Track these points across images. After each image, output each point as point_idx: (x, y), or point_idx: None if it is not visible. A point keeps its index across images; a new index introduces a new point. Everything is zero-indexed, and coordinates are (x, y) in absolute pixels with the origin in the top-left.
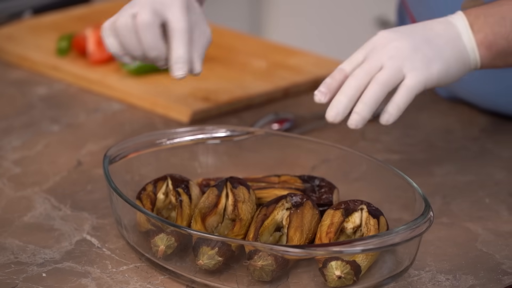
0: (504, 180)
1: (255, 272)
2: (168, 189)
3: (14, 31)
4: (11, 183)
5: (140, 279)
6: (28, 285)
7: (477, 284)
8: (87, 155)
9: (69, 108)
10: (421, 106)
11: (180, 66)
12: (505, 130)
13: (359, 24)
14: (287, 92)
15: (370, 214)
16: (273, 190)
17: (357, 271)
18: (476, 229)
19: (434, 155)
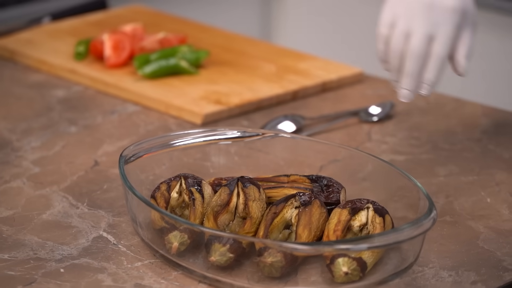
0: (505, 180)
1: (265, 268)
2: (182, 188)
3: (33, 36)
4: (30, 182)
5: (154, 274)
6: (47, 280)
7: (478, 280)
8: (103, 155)
9: (86, 110)
10: (425, 109)
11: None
12: (506, 132)
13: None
14: (296, 95)
15: (376, 213)
16: (282, 189)
17: (363, 268)
18: (478, 227)
19: (437, 156)
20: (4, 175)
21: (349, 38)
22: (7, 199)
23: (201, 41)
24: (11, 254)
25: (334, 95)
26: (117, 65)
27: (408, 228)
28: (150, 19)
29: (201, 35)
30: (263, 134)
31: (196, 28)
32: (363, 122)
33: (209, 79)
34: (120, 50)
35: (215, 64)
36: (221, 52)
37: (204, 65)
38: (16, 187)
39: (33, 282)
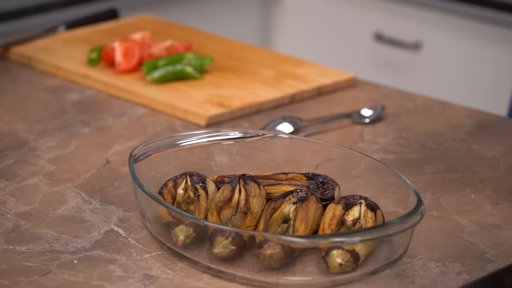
0: (488, 177)
1: (265, 260)
2: (187, 185)
3: (49, 44)
4: (46, 179)
5: (161, 265)
6: (61, 271)
7: (463, 271)
8: (114, 154)
9: (98, 112)
10: (413, 111)
11: None
12: (489, 133)
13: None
14: (294, 99)
15: (368, 208)
16: (281, 186)
17: (356, 259)
18: (463, 222)
19: (425, 155)
20: (22, 173)
21: (343, 46)
22: (24, 195)
23: (205, 48)
24: (29, 247)
25: (329, 99)
26: (127, 70)
27: (398, 222)
28: (158, 28)
29: (205, 43)
30: (263, 135)
31: (200, 36)
32: (356, 124)
33: (213, 83)
34: (130, 56)
35: (218, 70)
36: (224, 59)
37: (208, 70)
38: (33, 184)
39: (48, 273)
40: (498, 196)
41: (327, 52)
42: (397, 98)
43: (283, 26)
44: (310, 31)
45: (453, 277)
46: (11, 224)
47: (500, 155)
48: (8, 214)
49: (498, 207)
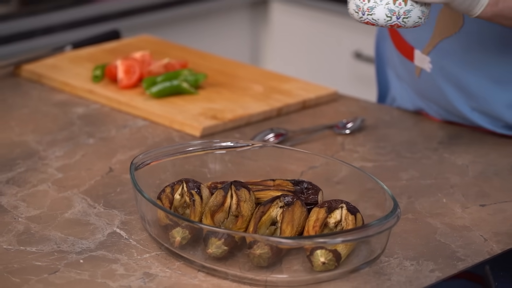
0: (458, 183)
1: (254, 259)
2: (183, 191)
3: (57, 62)
4: (54, 186)
5: (160, 264)
6: (68, 270)
7: (436, 268)
8: (117, 163)
9: (102, 124)
10: (390, 123)
11: None
12: (459, 143)
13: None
14: (280, 112)
15: (348, 211)
16: (269, 191)
17: (338, 258)
18: (435, 224)
19: (401, 163)
20: (32, 180)
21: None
22: (34, 201)
23: (200, 66)
24: (38, 247)
25: (312, 112)
26: (129, 86)
27: (376, 224)
28: (156, 47)
29: (200, 61)
30: (252, 144)
31: (195, 54)
32: (337, 135)
33: (207, 98)
34: (131, 73)
35: (212, 85)
36: (217, 75)
37: (202, 86)
38: (43, 190)
39: (56, 271)
40: (468, 200)
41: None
42: (375, 111)
43: (271, 46)
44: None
45: (426, 274)
46: (22, 227)
47: (469, 163)
48: (19, 218)
49: (468, 210)
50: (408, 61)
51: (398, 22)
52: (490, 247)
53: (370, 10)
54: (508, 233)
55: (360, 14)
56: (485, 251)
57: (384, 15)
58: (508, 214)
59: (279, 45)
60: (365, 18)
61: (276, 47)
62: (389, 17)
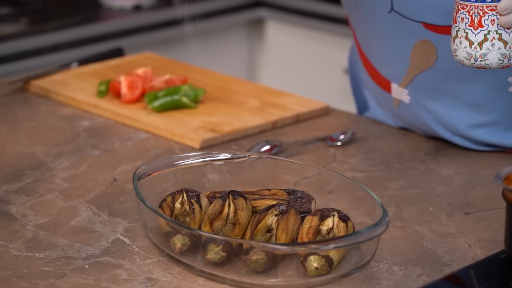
0: (444, 193)
1: (251, 264)
2: (184, 200)
3: (64, 78)
4: (61, 195)
5: (161, 270)
6: (75, 275)
7: (423, 273)
8: (120, 173)
9: (107, 137)
10: (379, 135)
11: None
12: (444, 154)
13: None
14: (275, 125)
15: (340, 219)
16: (264, 200)
17: (330, 263)
18: (422, 231)
19: (389, 173)
20: (40, 190)
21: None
22: (42, 209)
23: (199, 82)
24: (46, 253)
25: (306, 125)
26: (132, 101)
27: (366, 232)
28: (158, 64)
29: (199, 77)
30: (249, 156)
31: (195, 71)
32: (329, 146)
33: (206, 112)
34: (134, 89)
35: (210, 100)
36: (215, 90)
37: (202, 100)
38: (50, 199)
39: (63, 276)
40: (453, 209)
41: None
42: (364, 124)
43: (266, 63)
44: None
45: (414, 278)
46: (31, 234)
47: (454, 173)
48: (28, 226)
49: (453, 218)
50: (385, 92)
51: (509, 63)
52: (474, 253)
53: (483, 57)
54: (491, 240)
55: (472, 60)
56: (469, 256)
57: (497, 59)
58: (491, 221)
59: (274, 62)
60: (477, 64)
61: (271, 64)
62: (501, 60)
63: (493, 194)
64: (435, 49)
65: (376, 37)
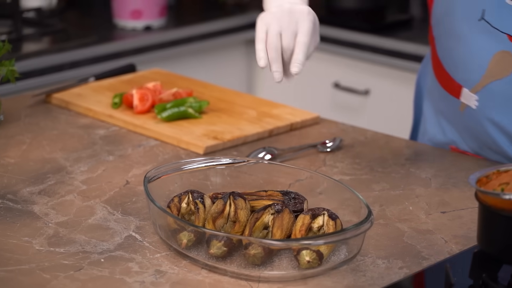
0: (423, 193)
1: (249, 258)
2: (189, 200)
3: (82, 91)
4: (79, 196)
5: (169, 263)
6: (91, 267)
7: (404, 266)
8: (132, 176)
9: (120, 144)
10: (364, 143)
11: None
12: (423, 159)
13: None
14: (271, 133)
15: (329, 217)
16: (262, 201)
17: (321, 257)
18: (403, 228)
19: (373, 176)
20: (60, 191)
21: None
22: (62, 209)
23: (203, 94)
24: (66, 248)
25: (299, 133)
26: (143, 112)
27: (353, 229)
28: (166, 78)
29: (203, 90)
30: (248, 161)
31: (199, 85)
32: (320, 152)
33: (209, 121)
34: (145, 101)
35: (213, 111)
36: (217, 102)
37: (205, 111)
38: (69, 200)
39: (81, 269)
40: (431, 208)
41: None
42: (351, 132)
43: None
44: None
45: (396, 271)
46: (52, 231)
47: (431, 176)
48: (50, 223)
49: (431, 216)
50: (452, 97)
51: None
52: (450, 248)
53: None
54: (465, 236)
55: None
56: (445, 251)
57: None
58: (465, 219)
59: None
60: None
61: (267, 79)
62: None
63: (467, 195)
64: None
65: (459, 42)
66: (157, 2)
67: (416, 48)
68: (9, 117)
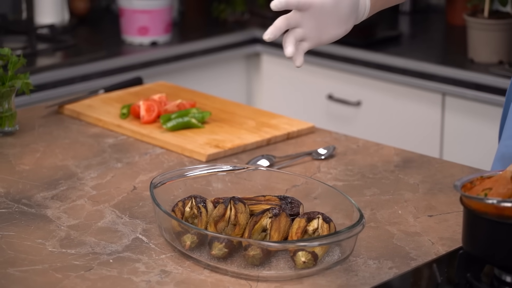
0: (411, 198)
1: (249, 259)
2: (192, 205)
3: (92, 102)
4: (89, 201)
5: (173, 263)
6: (101, 267)
7: (394, 266)
8: (139, 182)
9: (128, 152)
10: (356, 151)
11: None
12: (411, 166)
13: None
14: (269, 141)
15: (324, 221)
16: (260, 205)
17: (316, 258)
18: (393, 231)
19: (365, 182)
20: (72, 196)
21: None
22: (74, 213)
23: (205, 106)
24: (76, 250)
25: (295, 142)
26: (149, 122)
27: (346, 231)
28: (171, 91)
29: (205, 101)
30: (247, 168)
31: (202, 96)
32: (315, 160)
33: (211, 131)
34: (151, 111)
35: (215, 121)
36: (219, 113)
37: (207, 121)
38: (80, 204)
39: (91, 269)
40: (418, 212)
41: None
42: (344, 141)
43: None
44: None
45: (386, 271)
46: (64, 233)
47: (419, 182)
48: (62, 226)
49: (418, 220)
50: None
51: None
52: (436, 249)
53: None
54: (450, 238)
55: None
56: (432, 252)
57: None
58: (450, 222)
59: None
60: None
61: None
62: None
63: (452, 199)
64: None
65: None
66: (163, 20)
67: (405, 62)
68: (24, 127)
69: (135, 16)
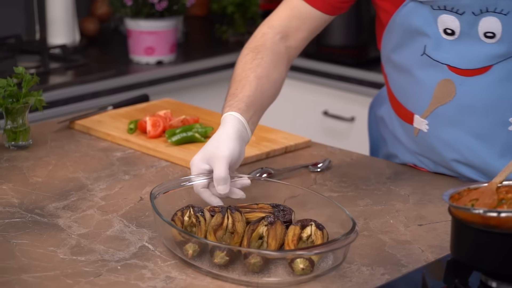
0: (402, 208)
1: (250, 267)
2: (191, 214)
3: (101, 118)
4: (99, 211)
5: (177, 270)
6: (109, 274)
7: (386, 272)
8: (146, 193)
9: (135, 165)
10: (350, 163)
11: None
12: (402, 178)
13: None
14: (268, 155)
15: (317, 227)
16: (254, 213)
17: (313, 265)
18: (385, 239)
19: (358, 193)
20: (82, 206)
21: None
22: (84, 222)
23: (208, 121)
24: (86, 257)
25: (292, 155)
26: (155, 136)
27: (341, 239)
28: (175, 107)
29: (208, 117)
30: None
31: (204, 112)
32: (311, 172)
33: None
34: (157, 126)
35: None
36: None
37: (210, 136)
38: (90, 214)
39: (100, 275)
40: (409, 221)
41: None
42: (339, 154)
43: None
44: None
45: (378, 277)
46: (74, 241)
47: (409, 193)
48: (72, 235)
49: (409, 229)
50: (407, 124)
51: None
52: (426, 256)
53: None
54: (439, 246)
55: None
56: (422, 259)
57: None
58: (439, 231)
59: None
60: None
61: None
62: None
63: (441, 209)
64: (454, 86)
65: (407, 76)
66: (168, 40)
67: None
68: (37, 141)
69: (142, 37)
